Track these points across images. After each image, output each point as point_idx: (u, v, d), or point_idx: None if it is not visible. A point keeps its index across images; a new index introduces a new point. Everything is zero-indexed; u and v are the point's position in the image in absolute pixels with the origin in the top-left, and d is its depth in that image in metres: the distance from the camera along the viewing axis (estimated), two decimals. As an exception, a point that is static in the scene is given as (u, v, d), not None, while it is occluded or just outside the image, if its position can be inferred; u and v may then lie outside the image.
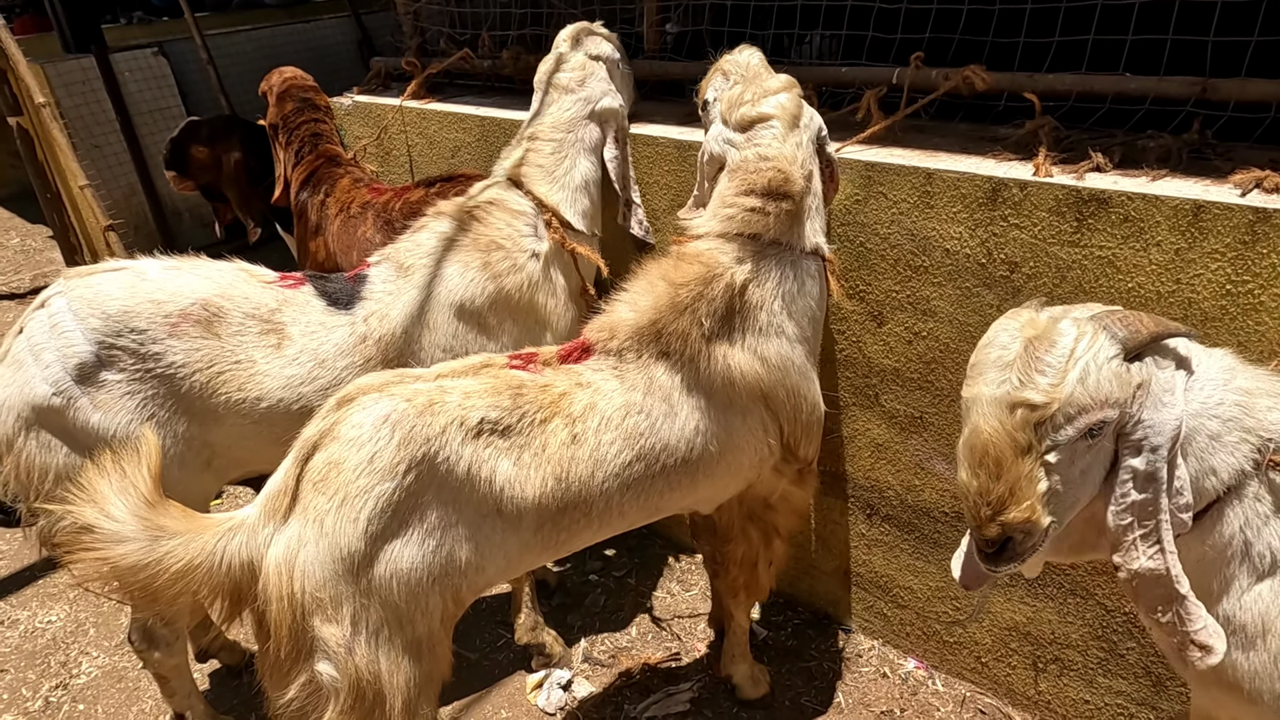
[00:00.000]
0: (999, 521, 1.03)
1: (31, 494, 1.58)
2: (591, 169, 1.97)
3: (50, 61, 4.44)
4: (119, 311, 1.51)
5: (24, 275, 5.01)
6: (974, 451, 1.04)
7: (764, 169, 1.52)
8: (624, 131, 2.01)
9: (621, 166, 2.01)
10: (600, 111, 1.96)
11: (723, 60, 1.66)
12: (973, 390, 1.07)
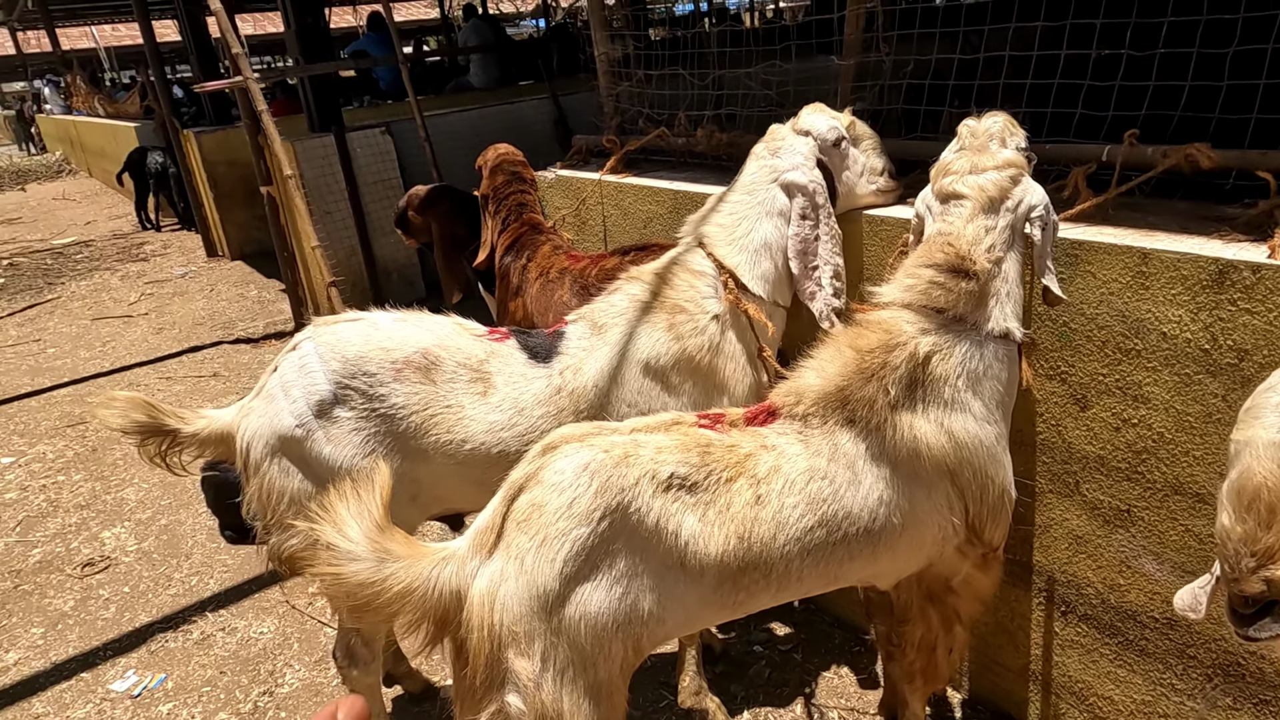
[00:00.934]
0: (1264, 576, 0.93)
1: (268, 514, 1.78)
2: (775, 233, 1.99)
3: (298, 139, 5.11)
4: (355, 356, 1.71)
5: (259, 322, 5.69)
6: (1243, 495, 0.96)
7: (944, 246, 1.52)
8: (816, 210, 2.00)
9: (803, 245, 2.02)
10: (786, 182, 2.00)
11: (964, 123, 1.65)
12: (1247, 434, 1.00)
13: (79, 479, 3.79)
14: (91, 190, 13.46)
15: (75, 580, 3.03)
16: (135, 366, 5.12)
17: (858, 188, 2.07)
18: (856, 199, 2.08)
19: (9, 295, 7.17)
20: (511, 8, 22.89)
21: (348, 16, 19.25)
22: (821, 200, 2.03)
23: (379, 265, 5.48)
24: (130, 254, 8.32)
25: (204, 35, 7.03)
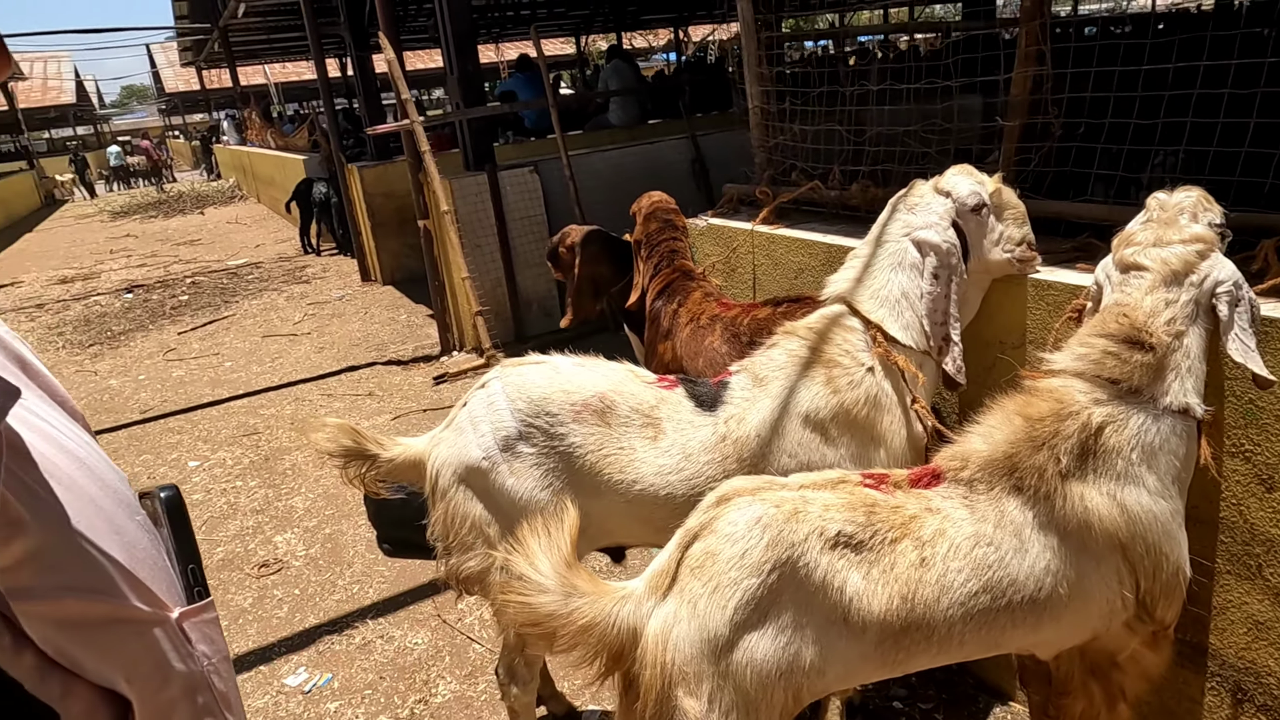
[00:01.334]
0: None
1: (450, 536, 1.95)
2: (911, 284, 2.01)
3: (455, 177, 5.46)
4: (539, 397, 1.85)
5: (408, 346, 6.08)
6: None
7: (1120, 317, 1.52)
8: (949, 271, 1.99)
9: (936, 303, 2.02)
10: (918, 240, 2.01)
11: (1154, 196, 1.65)
12: None
13: (254, 485, 4.17)
14: (260, 215, 14.71)
15: (253, 579, 3.34)
16: (300, 382, 5.58)
17: (992, 255, 2.06)
18: (991, 265, 2.07)
19: (191, 311, 7.94)
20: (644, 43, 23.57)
21: (488, 53, 20.34)
22: (954, 261, 2.04)
23: (521, 297, 5.76)
24: (294, 276, 9.06)
25: (370, 76, 7.63)
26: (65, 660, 0.41)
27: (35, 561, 0.42)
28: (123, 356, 6.74)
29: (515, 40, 19.24)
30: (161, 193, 21.36)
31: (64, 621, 0.42)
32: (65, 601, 0.43)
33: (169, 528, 0.58)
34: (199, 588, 0.57)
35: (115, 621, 0.45)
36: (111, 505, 0.51)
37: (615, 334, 3.51)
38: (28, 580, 0.41)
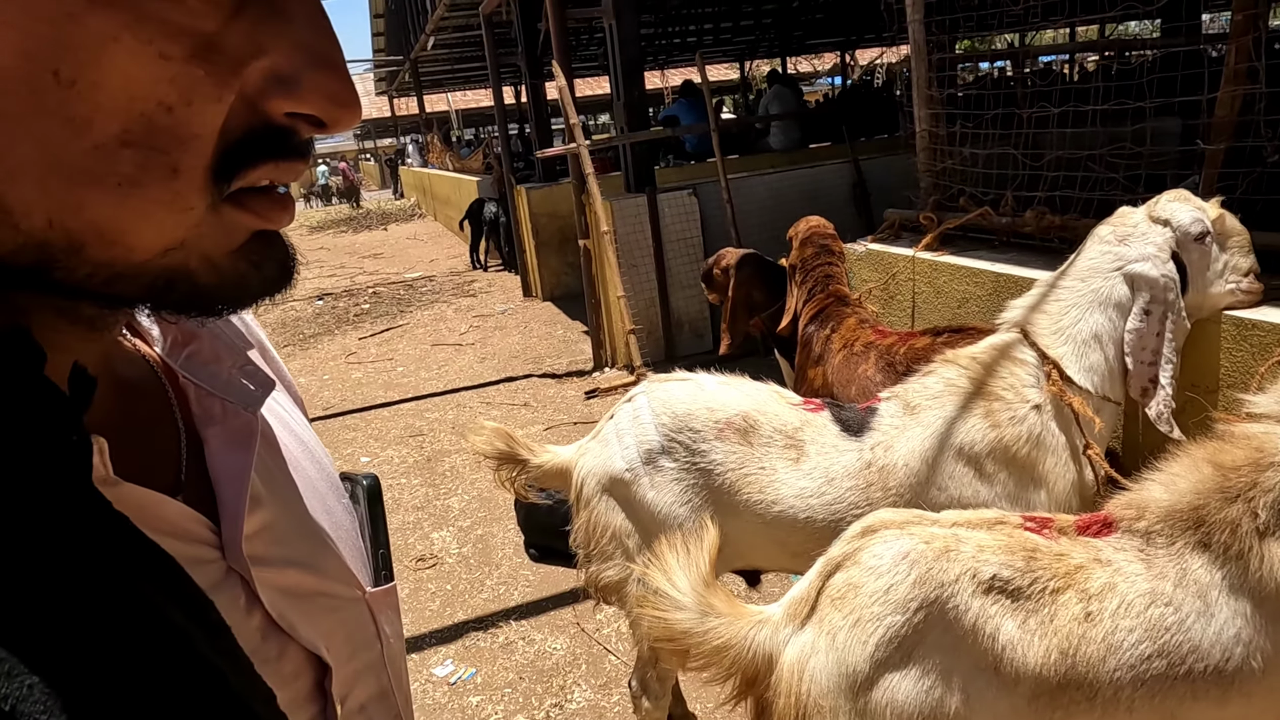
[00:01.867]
0: None
1: (591, 544, 2.00)
2: (1108, 326, 1.88)
3: (615, 198, 5.63)
4: (683, 413, 1.87)
5: (563, 360, 6.30)
6: None
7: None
8: (1164, 307, 1.85)
9: (1143, 340, 1.87)
10: (1132, 274, 1.88)
11: None
12: None
13: (416, 483, 4.44)
14: (436, 233, 15.76)
15: (411, 571, 3.56)
16: (462, 390, 5.90)
17: (1214, 288, 1.89)
18: (1211, 299, 1.89)
19: (372, 319, 8.61)
20: (808, 67, 23.38)
21: (654, 79, 20.86)
22: (1172, 297, 1.88)
23: (673, 317, 5.84)
24: (462, 290, 9.62)
25: (542, 102, 8.02)
26: (284, 624, 0.46)
27: (268, 533, 0.47)
28: (311, 357, 7.39)
29: (681, 66, 19.64)
30: (355, 210, 23.38)
31: (286, 589, 0.47)
32: (288, 571, 0.47)
33: (366, 512, 0.63)
34: (386, 571, 0.60)
35: (321, 594, 0.50)
36: (325, 487, 0.56)
37: (765, 357, 3.49)
38: (261, 550, 0.46)
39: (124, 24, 0.30)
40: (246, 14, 0.34)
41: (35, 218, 0.32)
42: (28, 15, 0.29)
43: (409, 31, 16.17)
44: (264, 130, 0.35)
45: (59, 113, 0.30)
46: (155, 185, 0.33)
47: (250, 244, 0.38)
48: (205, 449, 0.47)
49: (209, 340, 0.49)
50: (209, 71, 0.32)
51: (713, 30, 13.48)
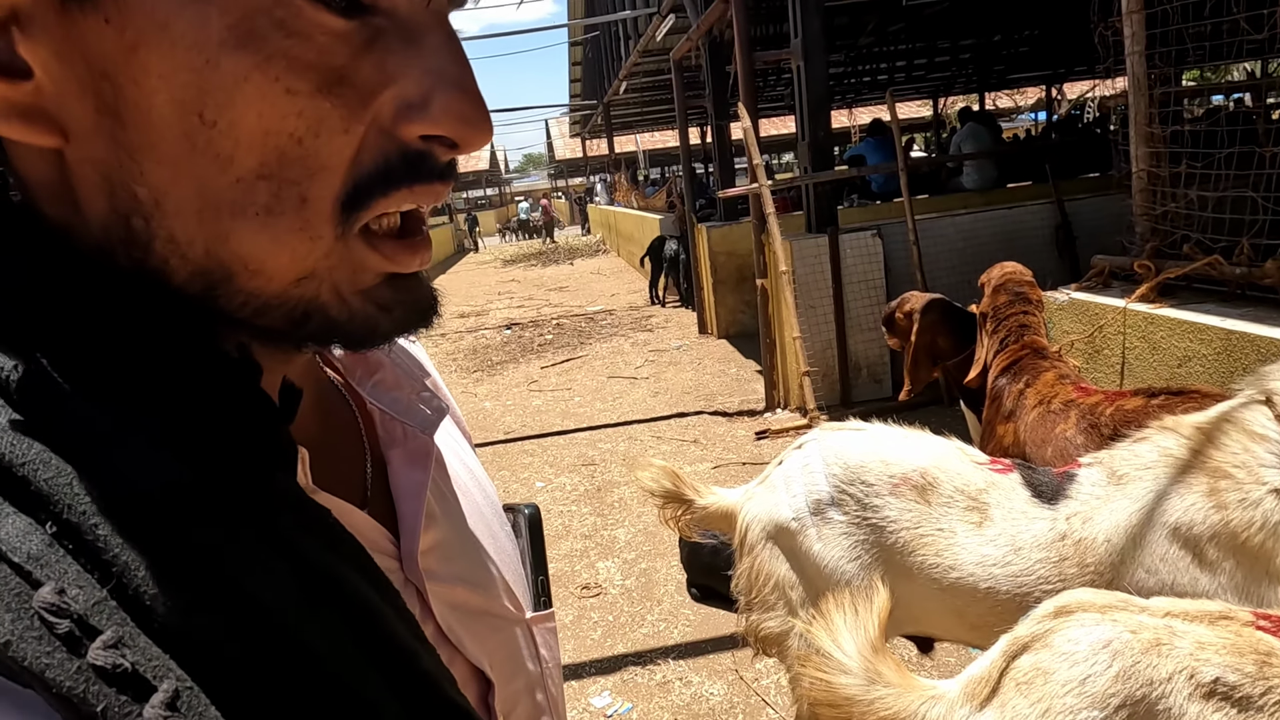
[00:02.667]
0: None
1: (753, 592, 1.95)
2: None
3: (795, 238, 5.57)
4: (856, 464, 1.80)
5: (735, 399, 6.27)
6: None
7: None
8: None
9: None
10: None
11: None
12: None
13: (585, 512, 4.56)
14: (618, 268, 16.31)
15: (575, 599, 3.63)
16: (635, 423, 6.01)
17: None
18: None
19: (554, 349, 9.01)
20: (1009, 102, 22.15)
21: (841, 118, 20.57)
22: None
23: (851, 360, 5.66)
24: (640, 324, 9.86)
25: (726, 142, 8.12)
26: (453, 638, 0.49)
27: (439, 550, 0.50)
28: (497, 383, 7.83)
29: (870, 105, 19.26)
30: (552, 244, 24.79)
31: (454, 605, 0.50)
32: (457, 588, 0.50)
33: (528, 540, 0.65)
34: (545, 598, 0.63)
35: (486, 614, 0.52)
36: (489, 513, 0.59)
37: (949, 408, 3.30)
38: (433, 565, 0.49)
39: (254, 64, 0.33)
40: (379, 46, 0.35)
41: (197, 248, 0.35)
42: (175, 66, 0.32)
43: (603, 78, 17.00)
44: (400, 158, 0.37)
45: (207, 151, 0.33)
46: (288, 214, 0.35)
47: (380, 287, 0.39)
48: (388, 468, 0.51)
49: (391, 369, 0.54)
50: (335, 104, 0.35)
51: (905, 68, 13.14)
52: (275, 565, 0.34)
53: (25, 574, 0.29)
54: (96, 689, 0.28)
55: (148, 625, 0.30)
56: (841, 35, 9.38)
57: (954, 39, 11.50)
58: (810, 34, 5.32)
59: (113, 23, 0.32)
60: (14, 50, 0.33)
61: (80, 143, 0.34)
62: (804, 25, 5.33)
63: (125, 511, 0.31)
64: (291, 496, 0.37)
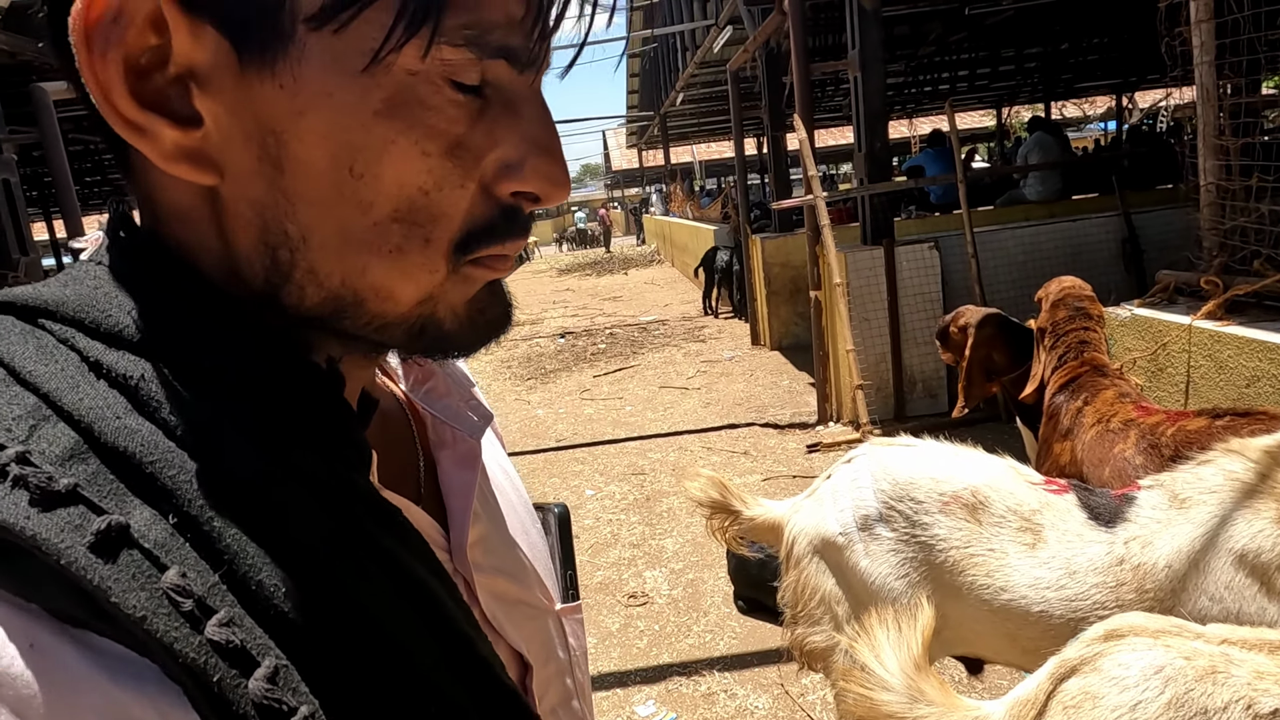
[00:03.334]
0: None
1: (798, 605, 1.94)
2: None
3: (850, 250, 5.52)
4: (905, 481, 1.78)
5: (786, 411, 6.23)
6: None
7: None
8: None
9: None
10: None
11: None
12: None
13: (634, 520, 4.58)
14: (671, 278, 16.34)
15: (622, 606, 3.66)
16: (685, 433, 6.02)
17: None
18: None
19: (607, 358, 9.07)
20: (1077, 111, 21.56)
21: (900, 128, 20.29)
22: None
23: (906, 374, 5.58)
24: (692, 335, 9.87)
25: (782, 153, 8.10)
26: (495, 624, 0.53)
27: (482, 544, 0.55)
28: (550, 391, 7.92)
29: (930, 115, 18.96)
30: (606, 254, 25.06)
31: (496, 594, 0.54)
32: (498, 579, 0.55)
33: (557, 537, 0.70)
34: (572, 590, 0.68)
35: (522, 603, 0.57)
36: (523, 511, 0.64)
37: (1006, 424, 3.23)
38: (478, 557, 0.54)
39: (400, 130, 0.39)
40: (488, 116, 0.41)
41: (334, 279, 0.41)
42: (336, 128, 0.38)
43: (660, 89, 17.09)
44: (498, 211, 0.43)
45: (352, 199, 0.39)
46: (414, 253, 0.41)
47: (480, 294, 0.45)
48: (438, 468, 0.56)
49: (442, 378, 0.59)
50: (456, 164, 0.40)
51: (967, 77, 12.91)
52: (360, 555, 0.38)
53: (154, 559, 0.33)
54: (213, 661, 0.32)
55: (252, 607, 0.34)
56: (901, 45, 9.26)
57: (1019, 47, 11.26)
58: (869, 45, 5.28)
59: (286, 89, 0.37)
60: (190, 102, 0.38)
61: (237, 183, 0.39)
62: (862, 36, 5.29)
63: (234, 505, 0.35)
64: (368, 494, 0.41)
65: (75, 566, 0.31)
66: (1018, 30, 9.49)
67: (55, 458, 0.33)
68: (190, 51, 0.37)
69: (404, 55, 0.37)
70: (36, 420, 0.34)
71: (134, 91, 0.37)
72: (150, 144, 0.38)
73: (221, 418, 0.37)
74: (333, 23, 0.36)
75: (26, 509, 0.31)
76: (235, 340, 0.39)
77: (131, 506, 0.34)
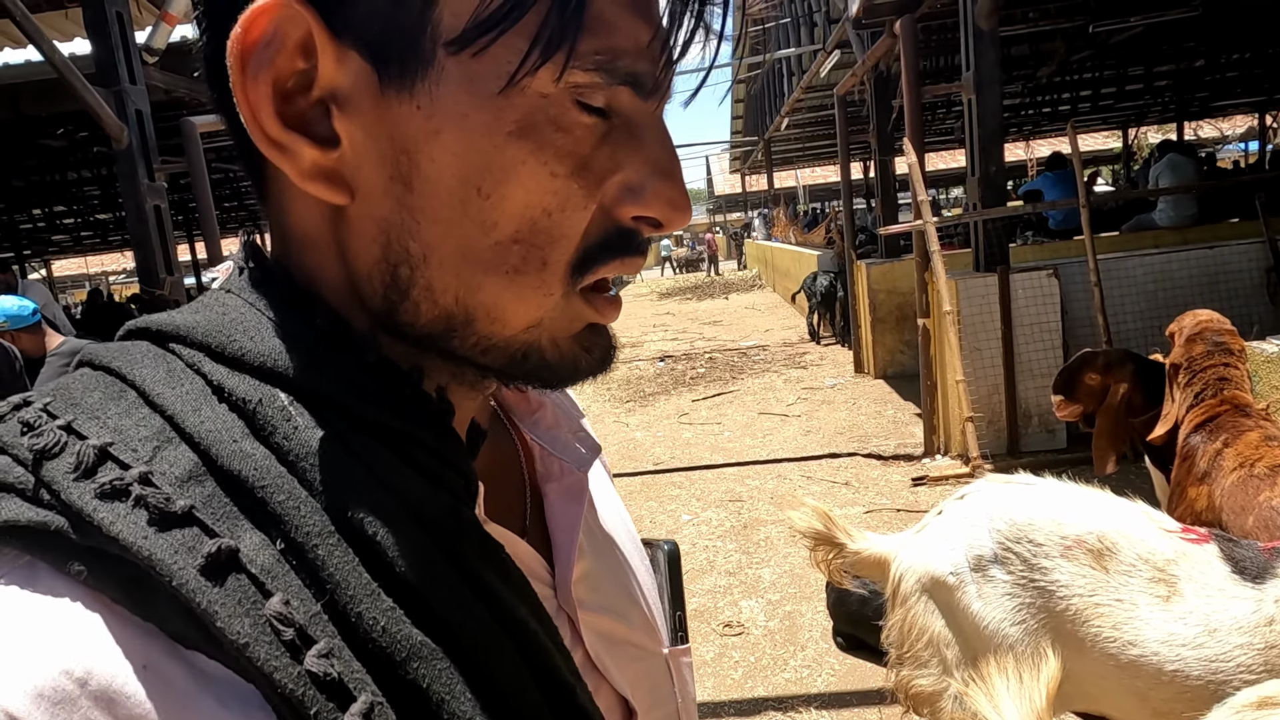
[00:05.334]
0: None
1: (904, 646, 1.87)
2: None
3: (961, 276, 5.33)
4: (1024, 521, 1.69)
5: (891, 441, 6.04)
6: None
7: None
8: None
9: None
10: None
11: None
12: None
13: (731, 548, 4.52)
14: (773, 304, 16.19)
15: (717, 635, 3.61)
16: (785, 461, 5.92)
17: None
18: None
19: (705, 383, 9.05)
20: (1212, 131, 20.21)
21: (1017, 150, 19.51)
22: None
23: (1020, 408, 5.32)
24: (793, 361, 9.73)
25: (889, 177, 7.93)
26: (599, 665, 0.51)
27: (587, 581, 0.53)
28: (649, 414, 7.95)
29: (1048, 136, 18.18)
30: (715, 276, 25.15)
31: (601, 633, 0.52)
32: (603, 617, 0.53)
33: (666, 576, 0.67)
34: (681, 633, 0.64)
35: (629, 644, 0.54)
36: (631, 548, 0.61)
37: (1131, 464, 3.02)
38: (583, 594, 0.52)
39: (531, 151, 0.39)
40: (611, 139, 0.41)
41: (448, 296, 0.41)
42: (469, 149, 0.39)
43: (764, 114, 17.06)
44: (616, 233, 0.43)
45: (476, 218, 0.39)
46: (531, 274, 0.41)
47: (584, 332, 0.45)
48: (545, 501, 0.55)
49: (551, 409, 0.58)
50: (580, 185, 0.40)
51: (1090, 97, 12.32)
52: (464, 593, 0.37)
53: (260, 584, 0.33)
54: (311, 694, 0.32)
55: (351, 639, 0.34)
56: (1019, 65, 8.94)
57: (1148, 65, 10.67)
58: (984, 66, 5.12)
59: (423, 110, 0.38)
60: (330, 124, 0.39)
61: (366, 202, 0.40)
62: (978, 57, 5.14)
63: (339, 534, 0.35)
64: (473, 528, 0.40)
65: (186, 589, 0.32)
66: (1147, 47, 9.00)
67: (175, 479, 0.34)
68: (335, 75, 0.38)
69: (538, 79, 0.38)
70: (160, 442, 0.35)
71: (279, 112, 0.38)
72: (291, 162, 0.39)
73: (333, 445, 0.37)
74: (473, 47, 0.37)
75: (144, 529, 0.32)
76: (351, 368, 0.40)
77: (242, 530, 0.34)
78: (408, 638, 0.34)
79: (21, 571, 0.33)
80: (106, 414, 0.36)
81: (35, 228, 13.96)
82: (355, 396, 0.39)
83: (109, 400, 0.37)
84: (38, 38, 3.95)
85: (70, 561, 0.33)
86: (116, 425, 0.36)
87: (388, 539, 0.36)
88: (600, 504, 0.60)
